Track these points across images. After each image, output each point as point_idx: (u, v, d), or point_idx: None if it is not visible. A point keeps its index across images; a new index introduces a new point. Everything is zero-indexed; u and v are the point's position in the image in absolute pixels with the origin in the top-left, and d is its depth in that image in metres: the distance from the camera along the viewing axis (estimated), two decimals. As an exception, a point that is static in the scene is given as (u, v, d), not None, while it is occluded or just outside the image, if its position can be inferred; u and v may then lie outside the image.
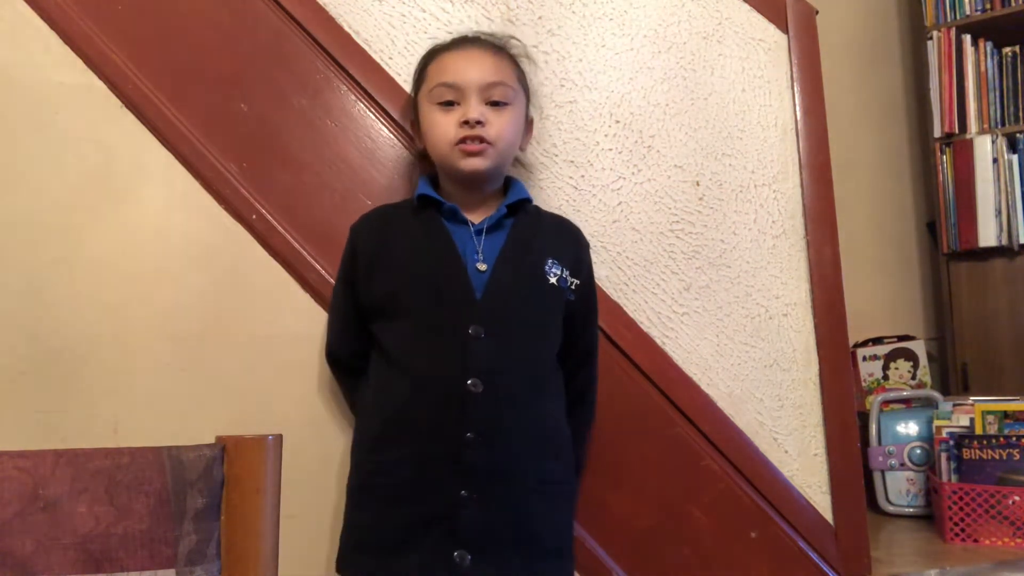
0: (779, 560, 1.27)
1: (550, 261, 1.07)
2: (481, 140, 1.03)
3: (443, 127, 1.05)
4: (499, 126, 1.04)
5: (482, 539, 0.95)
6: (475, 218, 1.08)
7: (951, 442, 1.56)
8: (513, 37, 1.18)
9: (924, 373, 2.07)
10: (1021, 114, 2.36)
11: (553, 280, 1.06)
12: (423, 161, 1.20)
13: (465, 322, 0.99)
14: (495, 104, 1.05)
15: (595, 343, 1.17)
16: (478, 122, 1.02)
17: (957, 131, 2.38)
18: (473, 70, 1.05)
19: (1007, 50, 2.40)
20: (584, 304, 1.12)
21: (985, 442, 1.53)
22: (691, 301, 1.32)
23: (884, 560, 1.38)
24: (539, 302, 1.06)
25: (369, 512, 1.00)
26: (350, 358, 1.09)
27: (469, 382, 0.97)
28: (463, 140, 1.03)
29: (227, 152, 1.19)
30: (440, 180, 1.12)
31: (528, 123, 1.16)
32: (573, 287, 1.08)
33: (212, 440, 0.75)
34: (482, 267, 1.03)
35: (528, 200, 1.12)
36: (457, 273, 1.02)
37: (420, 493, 0.97)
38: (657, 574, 1.24)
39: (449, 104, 1.05)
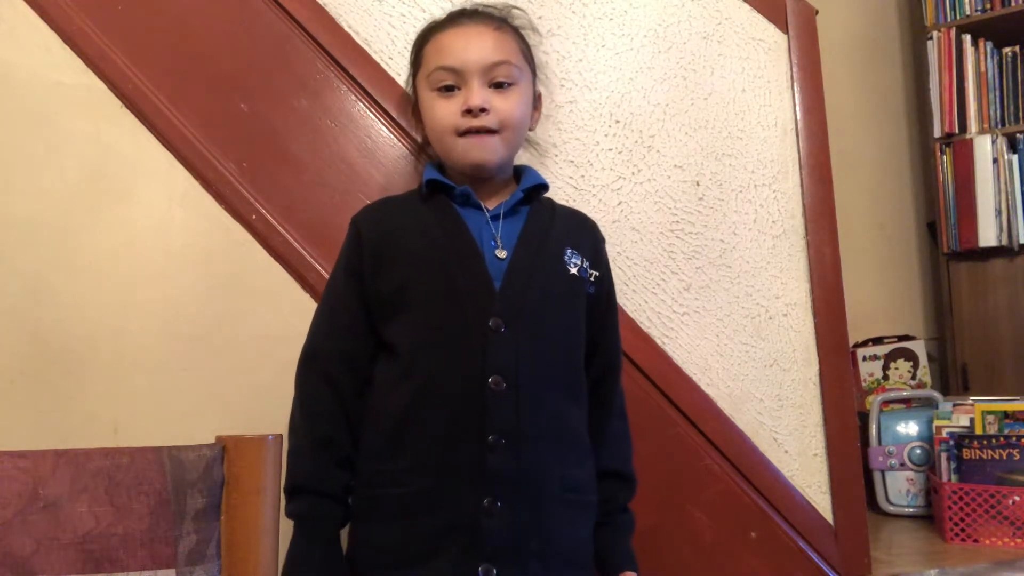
0: (779, 560, 1.27)
1: (569, 251, 0.99)
2: (486, 130, 0.96)
3: (444, 115, 0.97)
4: (505, 110, 0.97)
5: (507, 550, 0.88)
6: (489, 205, 1.00)
7: (951, 442, 1.56)
8: (516, 7, 1.10)
9: (924, 373, 2.07)
10: (1021, 114, 2.36)
11: (573, 270, 0.98)
12: (426, 148, 1.17)
13: (484, 315, 0.91)
14: (499, 85, 0.97)
15: (617, 356, 1.08)
16: (482, 109, 0.95)
17: (957, 131, 2.38)
18: (473, 50, 0.97)
19: (1007, 50, 2.40)
20: (604, 300, 1.04)
21: (985, 442, 1.53)
22: (691, 301, 1.32)
23: (884, 560, 1.38)
24: (561, 293, 0.98)
25: (381, 526, 0.91)
26: (334, 359, 0.96)
27: (490, 380, 0.89)
28: (467, 131, 0.96)
29: (227, 152, 1.19)
30: (447, 167, 1.04)
31: (537, 99, 1.08)
32: (592, 279, 1.01)
33: (212, 440, 0.75)
34: (501, 254, 0.95)
35: (544, 187, 1.04)
36: (474, 261, 0.94)
37: (439, 503, 0.88)
38: (657, 574, 1.24)
39: (449, 89, 0.97)
